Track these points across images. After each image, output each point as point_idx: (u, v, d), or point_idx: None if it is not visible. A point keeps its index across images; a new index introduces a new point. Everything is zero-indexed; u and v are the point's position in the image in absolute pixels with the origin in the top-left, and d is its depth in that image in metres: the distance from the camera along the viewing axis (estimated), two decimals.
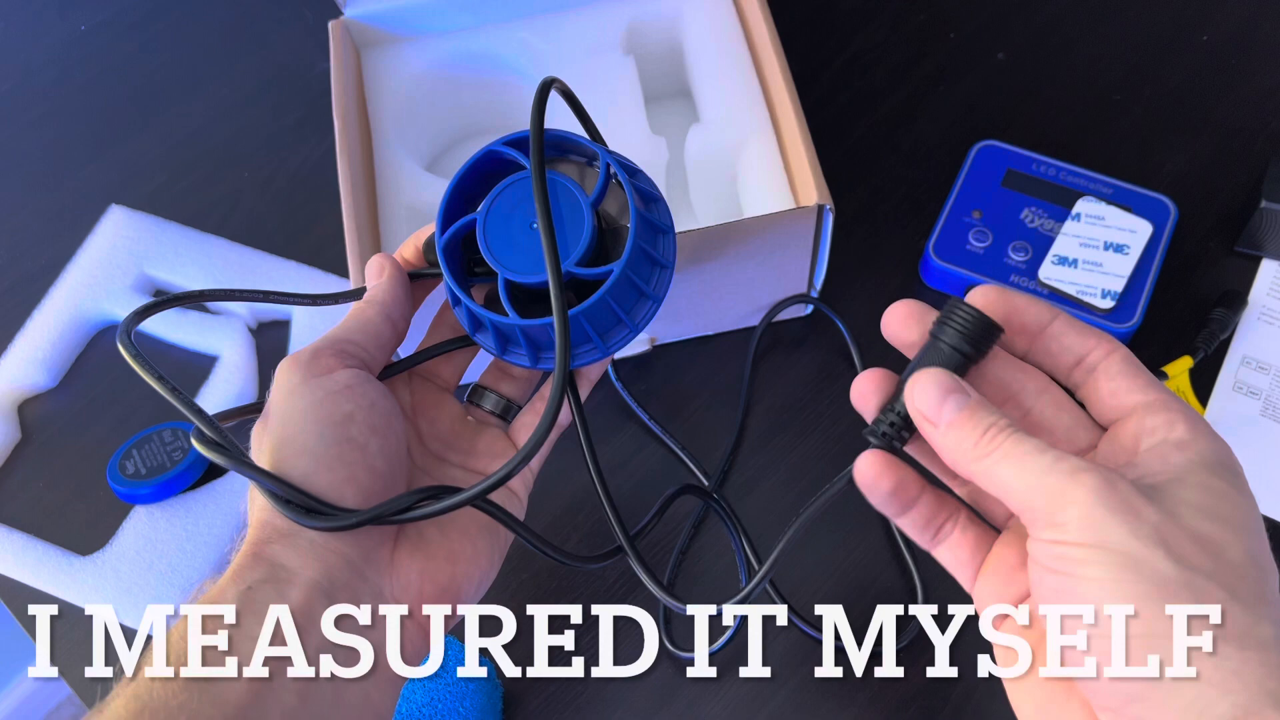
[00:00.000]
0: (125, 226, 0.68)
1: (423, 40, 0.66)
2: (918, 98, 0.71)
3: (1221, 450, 0.31)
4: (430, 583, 0.36)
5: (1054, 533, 0.29)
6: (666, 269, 0.40)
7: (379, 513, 0.34)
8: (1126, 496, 0.29)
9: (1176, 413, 0.32)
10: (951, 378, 0.32)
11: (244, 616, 0.32)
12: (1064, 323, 0.34)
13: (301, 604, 0.32)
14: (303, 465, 0.34)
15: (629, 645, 0.54)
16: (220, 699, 0.30)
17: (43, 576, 0.57)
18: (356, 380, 0.37)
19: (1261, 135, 0.67)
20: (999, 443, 0.31)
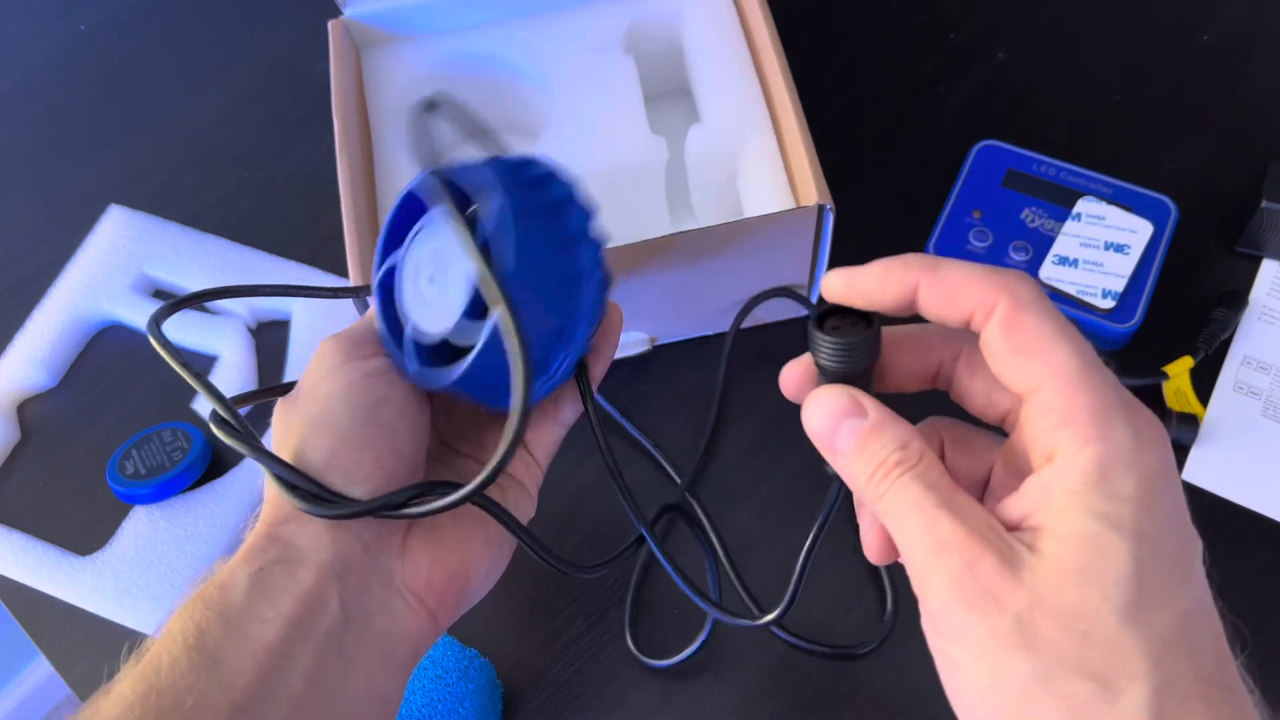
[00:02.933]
0: (125, 226, 0.68)
1: (423, 40, 0.66)
2: (918, 98, 0.71)
3: (1112, 457, 0.26)
4: (441, 568, 0.36)
5: (926, 619, 0.28)
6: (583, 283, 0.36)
7: (379, 505, 0.34)
8: (987, 583, 0.26)
9: (1066, 410, 0.27)
10: (845, 396, 0.30)
11: (255, 598, 0.32)
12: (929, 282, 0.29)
13: (312, 587, 0.33)
14: (330, 442, 0.35)
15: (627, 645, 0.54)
16: (227, 682, 0.30)
17: (42, 576, 0.57)
18: (387, 371, 0.37)
19: (1261, 135, 0.67)
20: (884, 489, 0.28)
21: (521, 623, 0.55)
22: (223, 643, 0.31)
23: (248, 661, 0.31)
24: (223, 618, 0.31)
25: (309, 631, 0.32)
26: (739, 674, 0.53)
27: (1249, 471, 0.56)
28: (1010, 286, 0.28)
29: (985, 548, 0.26)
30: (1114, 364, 0.31)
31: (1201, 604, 0.27)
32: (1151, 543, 0.26)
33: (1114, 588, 0.25)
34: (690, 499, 0.57)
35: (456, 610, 0.37)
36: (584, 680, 0.53)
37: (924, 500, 0.28)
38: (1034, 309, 0.28)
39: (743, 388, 0.61)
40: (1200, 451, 0.57)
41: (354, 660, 0.33)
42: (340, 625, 0.33)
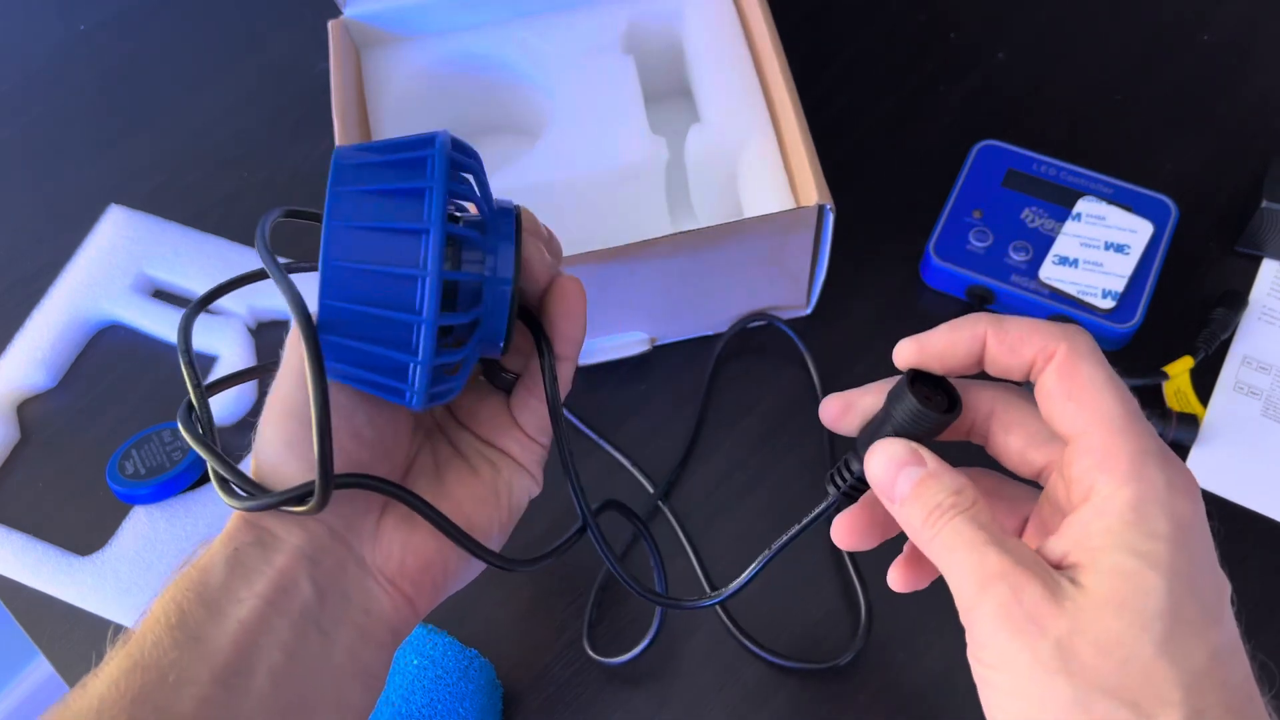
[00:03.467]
0: (125, 226, 0.68)
1: (423, 40, 0.66)
2: (918, 98, 0.71)
3: (1148, 498, 0.28)
4: (414, 555, 0.37)
5: (971, 645, 0.30)
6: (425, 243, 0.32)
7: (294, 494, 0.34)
8: (1031, 609, 0.28)
9: (1105, 452, 0.29)
10: (906, 448, 0.32)
11: (232, 578, 0.33)
12: (995, 338, 0.32)
13: (284, 568, 0.34)
14: (290, 428, 0.35)
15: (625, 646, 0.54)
16: (207, 656, 0.32)
17: (42, 577, 0.57)
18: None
19: (1261, 135, 0.67)
20: (939, 528, 0.30)
21: (521, 623, 0.55)
22: (203, 620, 0.32)
23: (226, 637, 0.32)
24: (202, 598, 0.33)
25: (284, 608, 0.33)
26: (738, 676, 0.53)
27: (1249, 471, 0.56)
28: (1069, 336, 0.30)
29: (1030, 578, 0.28)
30: (1116, 366, 0.31)
31: (1231, 642, 0.29)
32: (1185, 580, 0.28)
33: (1151, 620, 0.27)
34: (663, 504, 0.57)
35: (435, 596, 0.38)
36: (584, 680, 0.53)
37: (975, 537, 0.30)
38: (1089, 359, 0.30)
39: (732, 393, 0.61)
40: (1200, 451, 0.57)
41: (333, 636, 0.34)
42: (315, 603, 0.34)
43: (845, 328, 0.62)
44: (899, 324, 0.62)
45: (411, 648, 0.52)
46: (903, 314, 0.63)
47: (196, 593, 0.33)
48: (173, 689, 0.31)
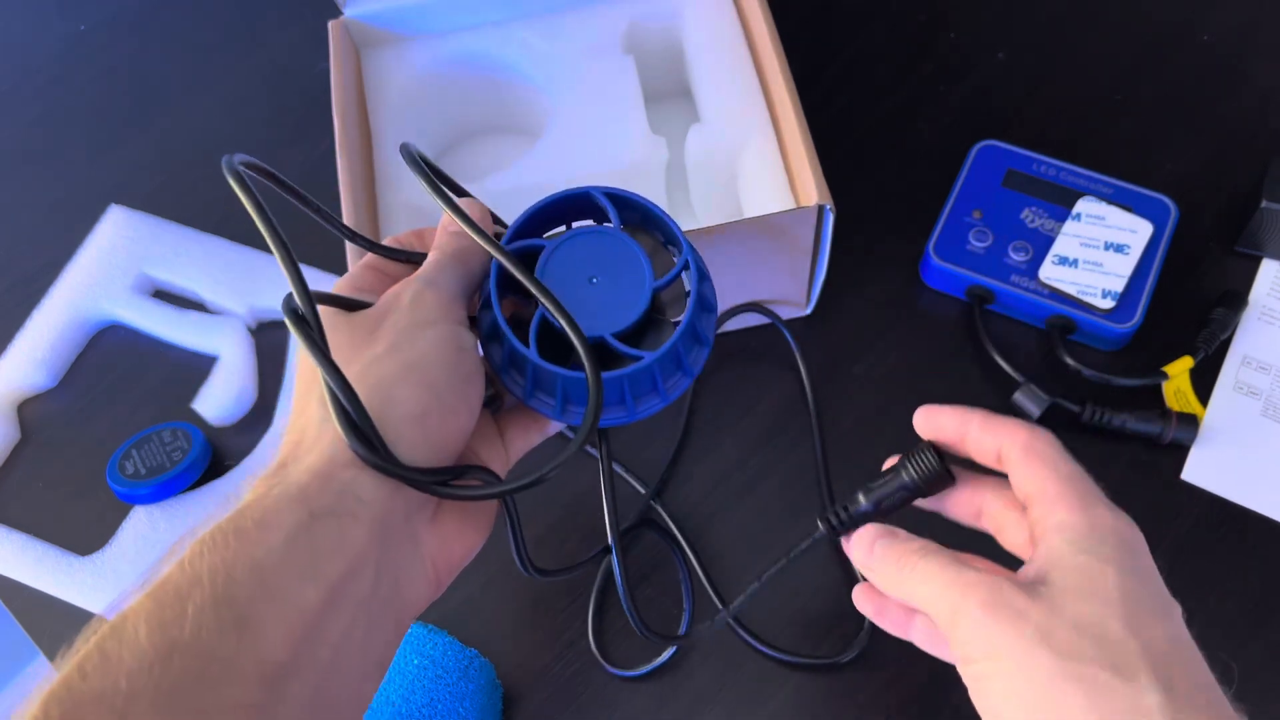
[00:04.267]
0: (125, 226, 0.68)
1: (423, 40, 0.66)
2: (918, 98, 0.71)
3: (1095, 522, 0.34)
4: (461, 542, 0.37)
5: (959, 648, 0.33)
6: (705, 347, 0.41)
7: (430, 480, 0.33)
8: (1010, 600, 0.32)
9: (1058, 498, 0.35)
10: (876, 529, 0.38)
11: (297, 551, 0.29)
12: (979, 423, 0.38)
13: (361, 550, 0.31)
14: (426, 399, 0.34)
15: (628, 646, 0.54)
16: (258, 650, 0.28)
17: (42, 577, 0.57)
18: (474, 346, 0.37)
19: (1261, 135, 0.67)
20: (912, 564, 0.35)
21: (521, 623, 0.55)
22: (256, 600, 0.28)
23: (281, 628, 0.28)
24: (258, 568, 0.28)
25: (346, 597, 0.30)
26: (739, 673, 0.53)
27: (1249, 471, 0.56)
28: (1031, 428, 0.37)
29: (1005, 580, 0.33)
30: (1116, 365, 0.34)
31: (1186, 639, 0.32)
32: (1136, 578, 0.33)
33: (1114, 603, 0.31)
34: (657, 507, 0.57)
35: (455, 573, 0.37)
36: (584, 680, 0.53)
37: (946, 564, 0.34)
38: (1047, 440, 0.37)
39: (732, 394, 0.61)
40: (1200, 451, 0.57)
41: (376, 626, 0.32)
42: (370, 591, 0.31)
43: (845, 328, 0.62)
44: (899, 324, 0.63)
45: (411, 647, 0.52)
46: (903, 314, 0.63)
47: (251, 558, 0.28)
48: (213, 687, 0.26)
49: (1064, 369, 0.58)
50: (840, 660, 0.52)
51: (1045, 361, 0.60)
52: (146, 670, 0.26)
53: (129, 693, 0.25)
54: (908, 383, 0.61)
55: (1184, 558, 0.54)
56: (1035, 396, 0.57)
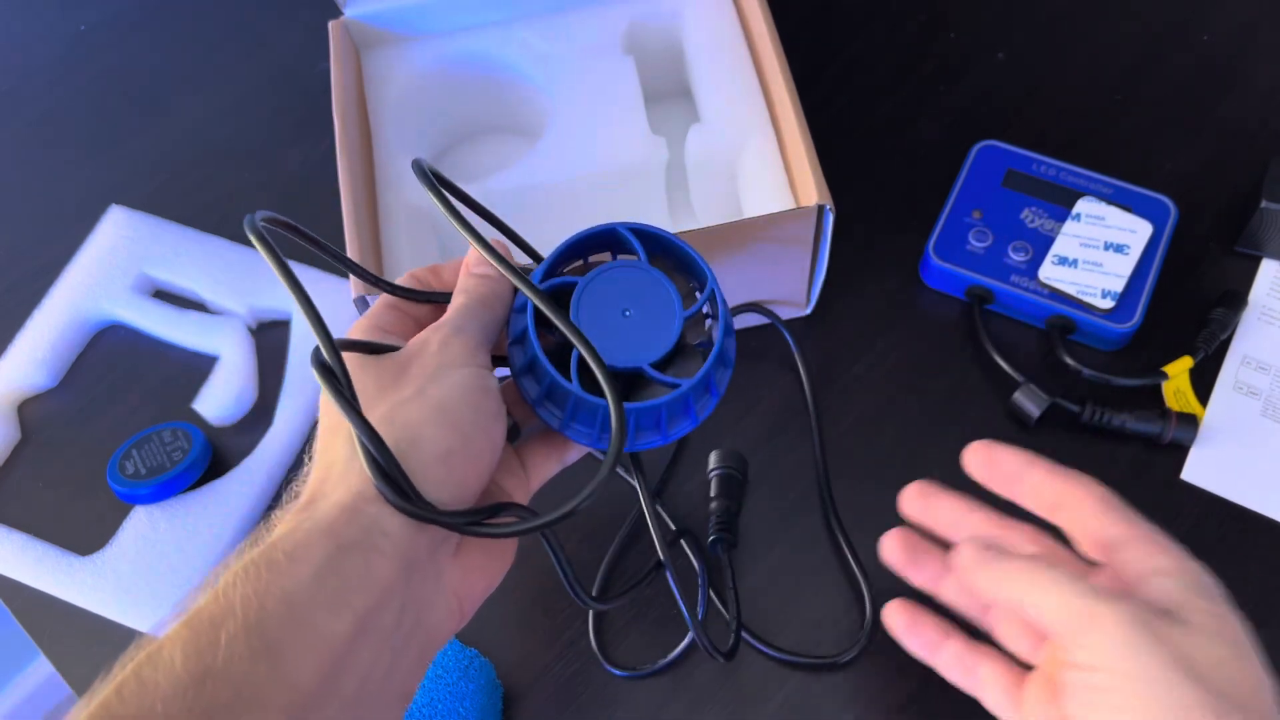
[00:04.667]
0: (125, 226, 0.68)
1: (423, 40, 0.66)
2: (918, 98, 0.71)
3: (1204, 574, 0.35)
4: (483, 575, 0.37)
5: (1086, 655, 0.33)
6: (729, 369, 0.42)
7: (462, 521, 0.34)
8: (1151, 622, 0.32)
9: (1154, 543, 0.36)
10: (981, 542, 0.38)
11: (327, 582, 0.30)
12: (1044, 471, 0.39)
13: (388, 584, 0.31)
14: (451, 440, 0.35)
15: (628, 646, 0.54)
16: (287, 679, 0.28)
17: (42, 577, 0.57)
18: (497, 388, 0.38)
19: (1261, 135, 0.67)
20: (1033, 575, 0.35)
21: (521, 623, 0.55)
22: (286, 630, 0.29)
23: (310, 658, 0.29)
24: (288, 599, 0.29)
25: (373, 630, 0.31)
26: (739, 672, 0.53)
27: (1249, 471, 0.56)
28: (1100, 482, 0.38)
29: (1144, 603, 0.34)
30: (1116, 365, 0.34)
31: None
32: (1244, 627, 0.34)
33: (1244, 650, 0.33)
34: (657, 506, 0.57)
35: (478, 605, 0.38)
36: (584, 680, 0.53)
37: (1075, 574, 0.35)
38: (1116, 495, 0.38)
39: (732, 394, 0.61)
40: (1200, 451, 0.57)
41: (400, 658, 0.32)
42: (395, 623, 0.32)
43: (845, 328, 0.62)
44: (899, 324, 0.63)
45: None
46: (903, 314, 0.63)
47: (281, 589, 0.29)
48: (243, 713, 0.27)
49: (1064, 369, 0.58)
50: (840, 660, 0.52)
51: (1045, 361, 0.60)
52: (180, 695, 0.27)
53: (164, 715, 0.26)
54: (908, 383, 0.61)
55: None
56: (1035, 396, 0.57)
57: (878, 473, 0.58)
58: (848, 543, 0.55)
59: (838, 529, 0.56)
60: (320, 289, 0.65)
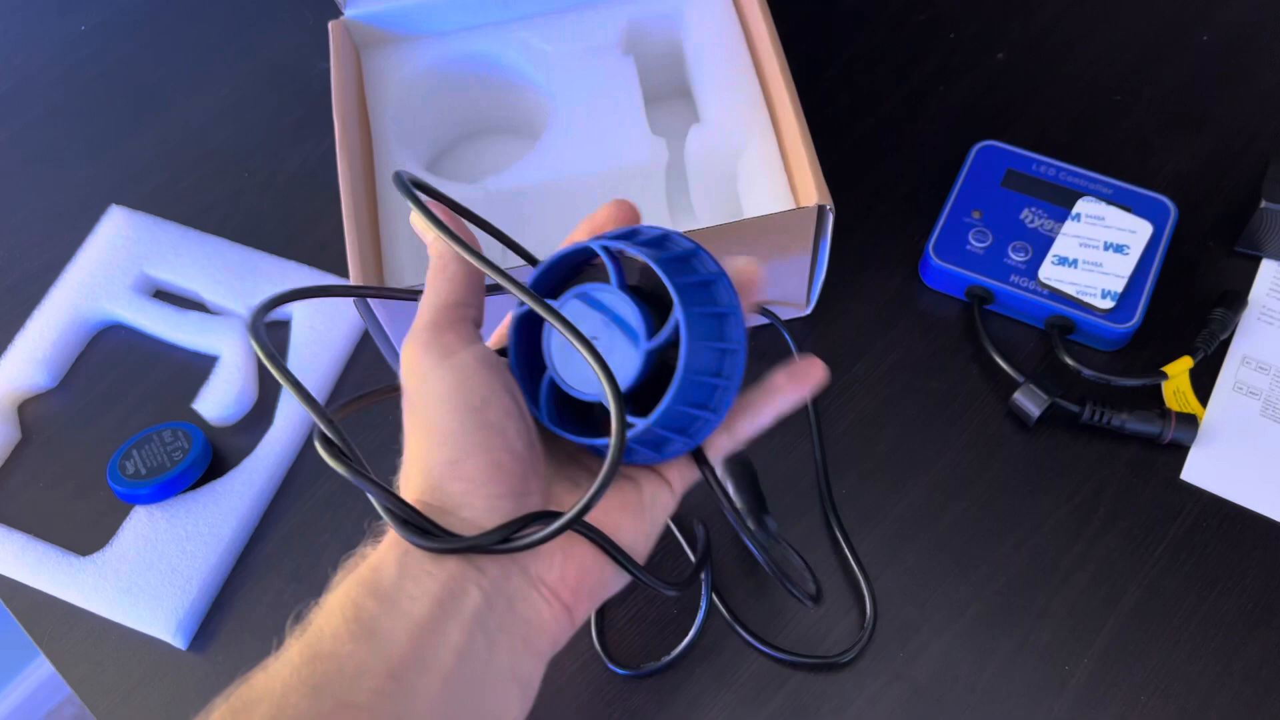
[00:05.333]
0: (125, 226, 0.68)
1: (423, 40, 0.66)
2: (918, 98, 0.71)
3: None
4: (574, 564, 0.37)
5: None
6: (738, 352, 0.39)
7: (478, 542, 0.34)
8: None
9: None
10: None
11: (403, 579, 0.34)
12: None
13: (453, 572, 0.34)
14: (448, 452, 0.35)
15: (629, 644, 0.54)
16: (384, 650, 0.32)
17: (42, 577, 0.57)
18: (481, 363, 0.36)
19: (1261, 135, 0.67)
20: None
21: None
22: (378, 616, 0.33)
23: (401, 633, 0.33)
24: (375, 594, 0.33)
25: (454, 611, 0.34)
26: (739, 672, 0.53)
27: (1249, 471, 0.56)
28: None
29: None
30: (1116, 366, 0.32)
31: None
32: None
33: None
34: None
35: (591, 604, 0.38)
36: (584, 679, 0.53)
37: None
38: None
39: None
40: (1199, 451, 0.57)
41: (498, 643, 0.35)
42: (484, 608, 0.34)
43: (845, 328, 0.62)
44: (899, 324, 0.63)
45: None
46: (902, 314, 0.63)
47: (370, 588, 0.34)
48: (350, 680, 0.32)
49: (1064, 369, 0.58)
50: (840, 660, 0.52)
51: (1045, 361, 0.60)
52: (295, 672, 0.32)
53: (283, 690, 0.32)
54: (908, 383, 0.61)
55: (1184, 558, 0.54)
56: (1035, 396, 0.57)
57: (878, 473, 0.58)
58: (848, 542, 0.55)
59: (837, 528, 0.56)
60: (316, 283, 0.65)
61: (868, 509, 0.57)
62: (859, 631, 0.53)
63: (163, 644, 0.56)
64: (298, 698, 0.31)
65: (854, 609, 0.54)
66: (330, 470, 0.34)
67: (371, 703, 0.32)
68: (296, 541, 0.58)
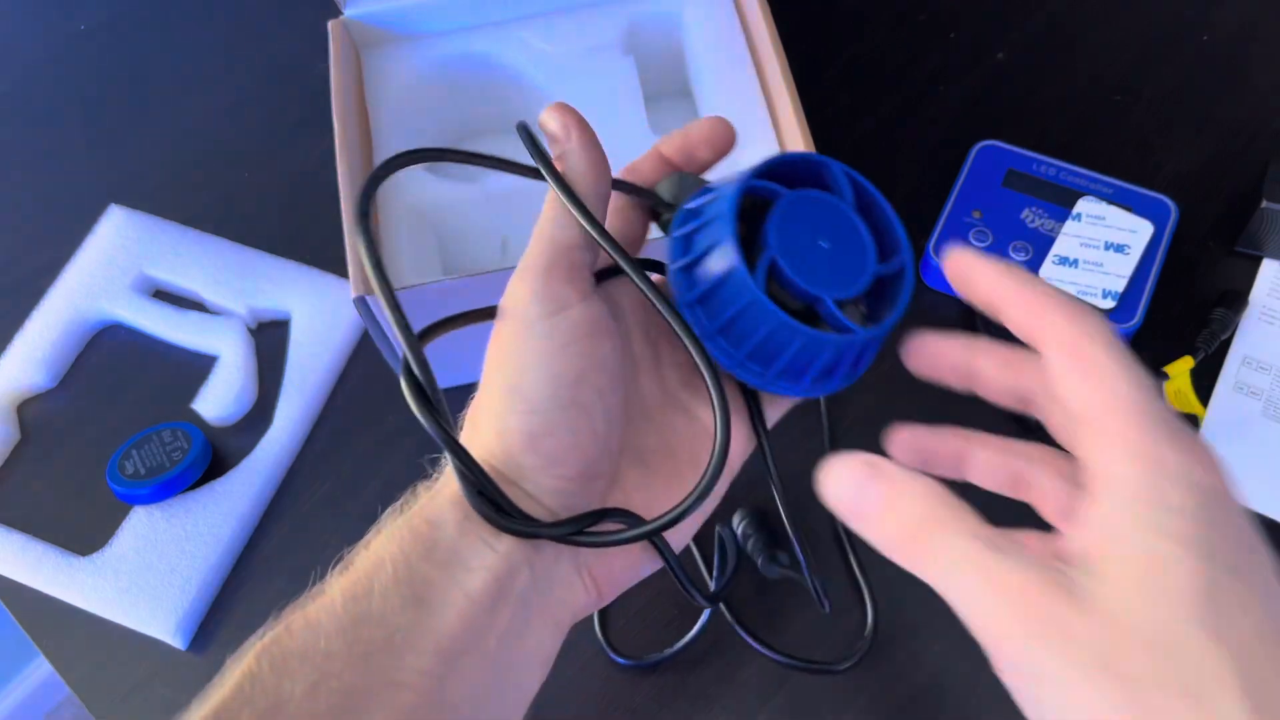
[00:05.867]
0: (125, 226, 0.68)
1: (423, 40, 0.66)
2: (918, 98, 0.71)
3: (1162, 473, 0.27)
4: (622, 557, 0.36)
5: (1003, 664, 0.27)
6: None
7: (560, 531, 0.33)
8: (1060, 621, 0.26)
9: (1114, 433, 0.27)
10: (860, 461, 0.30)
11: (463, 545, 0.32)
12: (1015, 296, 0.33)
13: (510, 549, 0.32)
14: (530, 424, 0.33)
15: (633, 642, 0.54)
16: (434, 625, 0.31)
17: (42, 577, 0.57)
18: (590, 328, 0.34)
19: (1261, 135, 0.67)
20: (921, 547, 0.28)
21: None
22: (433, 584, 0.31)
23: (454, 610, 0.31)
24: (431, 557, 0.31)
25: (507, 590, 0.32)
26: (736, 678, 0.53)
27: (1249, 471, 0.56)
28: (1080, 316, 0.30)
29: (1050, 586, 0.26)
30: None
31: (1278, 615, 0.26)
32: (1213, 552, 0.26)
33: (1185, 602, 0.25)
34: None
35: (622, 589, 0.37)
36: (584, 679, 0.53)
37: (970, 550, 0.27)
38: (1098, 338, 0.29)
39: None
40: None
41: (532, 624, 0.33)
42: (530, 590, 0.33)
43: None
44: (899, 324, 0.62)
45: None
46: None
47: (426, 548, 0.32)
48: (398, 655, 0.30)
49: None
50: (838, 668, 0.52)
51: None
52: (341, 634, 0.30)
53: (326, 652, 0.30)
54: (908, 382, 0.60)
55: None
56: None
57: None
58: (850, 543, 0.55)
59: (844, 533, 0.56)
60: (320, 288, 0.65)
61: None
62: (861, 632, 0.53)
63: (162, 644, 0.56)
64: (342, 666, 0.29)
65: (855, 609, 0.54)
66: (330, 470, 0.34)
67: (418, 684, 0.30)
68: (296, 541, 0.58)
